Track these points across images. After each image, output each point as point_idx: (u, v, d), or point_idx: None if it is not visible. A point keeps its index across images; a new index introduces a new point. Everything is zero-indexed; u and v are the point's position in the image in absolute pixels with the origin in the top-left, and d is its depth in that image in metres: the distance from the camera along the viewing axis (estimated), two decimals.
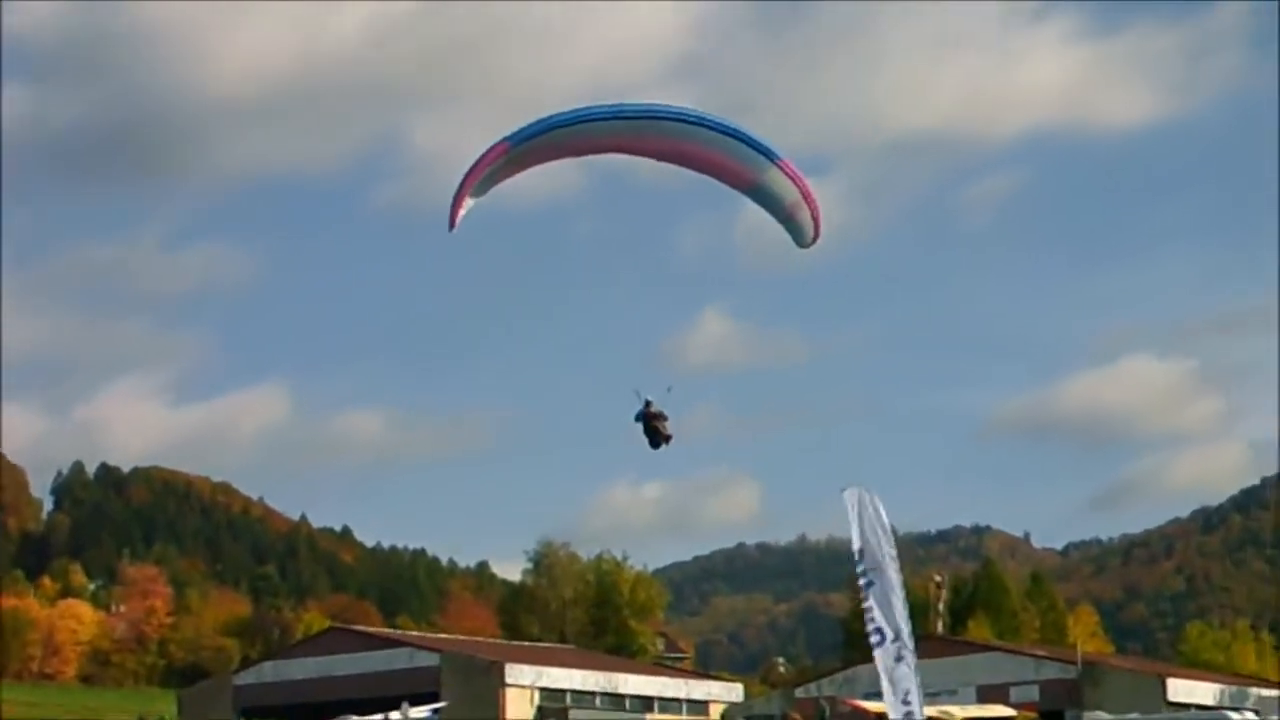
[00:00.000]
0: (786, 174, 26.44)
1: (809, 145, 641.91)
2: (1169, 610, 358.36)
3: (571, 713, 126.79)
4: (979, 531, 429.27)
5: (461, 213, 26.47)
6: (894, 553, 32.10)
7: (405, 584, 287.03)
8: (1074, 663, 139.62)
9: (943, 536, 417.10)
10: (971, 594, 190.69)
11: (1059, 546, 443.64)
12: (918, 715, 30.44)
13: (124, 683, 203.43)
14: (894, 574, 31.66)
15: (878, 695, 35.83)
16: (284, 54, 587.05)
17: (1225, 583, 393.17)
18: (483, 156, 24.84)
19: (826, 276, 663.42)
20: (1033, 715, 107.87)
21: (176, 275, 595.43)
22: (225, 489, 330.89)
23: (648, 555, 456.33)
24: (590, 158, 30.38)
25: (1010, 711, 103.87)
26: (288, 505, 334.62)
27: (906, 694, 30.56)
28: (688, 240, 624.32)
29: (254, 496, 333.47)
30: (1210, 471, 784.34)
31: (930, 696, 42.51)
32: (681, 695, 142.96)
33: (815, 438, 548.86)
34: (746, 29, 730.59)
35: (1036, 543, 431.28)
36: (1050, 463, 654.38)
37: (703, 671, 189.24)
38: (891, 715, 30.11)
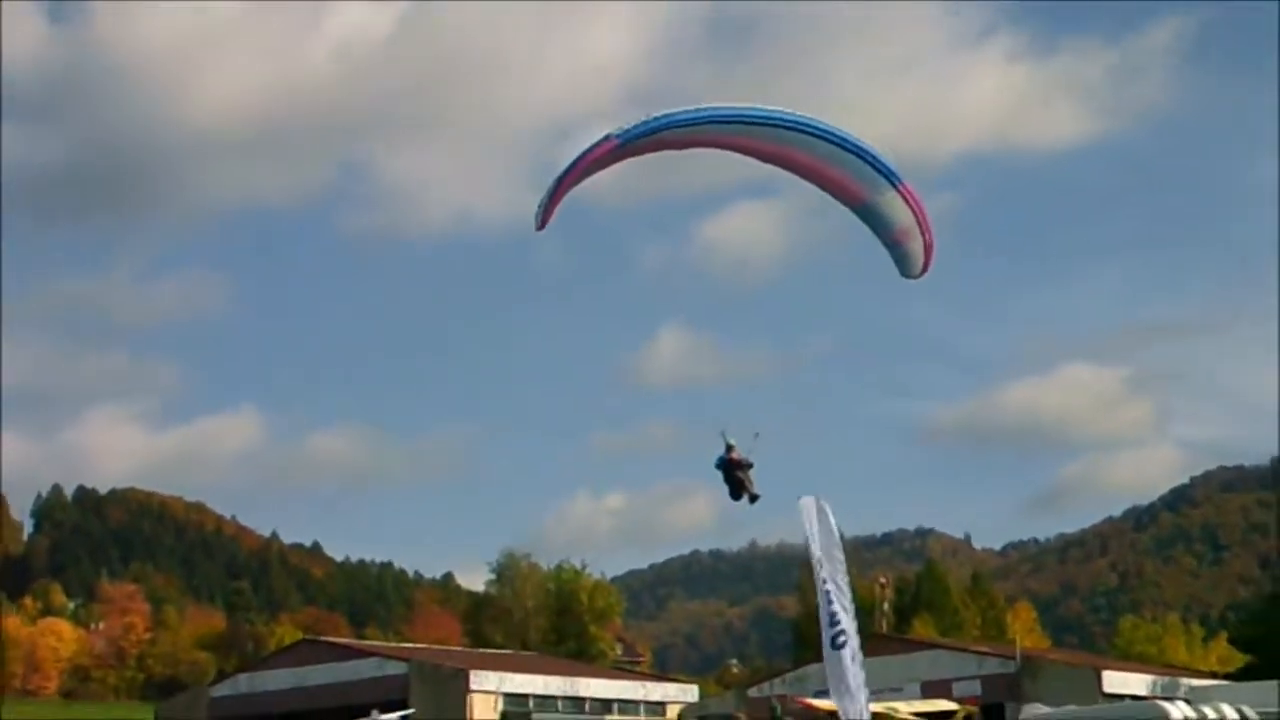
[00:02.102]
0: (906, 199, 25.12)
1: (758, 169, 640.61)
2: (1103, 605, 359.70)
3: (534, 716, 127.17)
4: (921, 534, 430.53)
5: (555, 212, 25.52)
6: (842, 557, 32.63)
7: (373, 596, 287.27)
8: (1013, 657, 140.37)
9: (887, 539, 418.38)
10: (915, 594, 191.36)
11: (998, 547, 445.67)
12: (865, 712, 31.02)
13: (104, 697, 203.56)
14: (843, 577, 32.22)
15: (826, 694, 36.33)
16: (254, 90, 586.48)
17: (1157, 578, 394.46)
18: (587, 153, 24.35)
19: (777, 293, 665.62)
20: (974, 709, 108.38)
21: (152, 306, 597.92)
22: (199, 508, 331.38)
23: (607, 564, 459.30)
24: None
25: (953, 705, 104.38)
26: (259, 523, 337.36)
27: (855, 692, 31.20)
28: (647, 261, 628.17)
29: (227, 515, 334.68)
30: (1141, 473, 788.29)
31: (876, 693, 42.98)
32: (639, 697, 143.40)
33: (766, 447, 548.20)
34: (698, 58, 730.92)
35: (976, 544, 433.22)
36: (990, 467, 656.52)
37: (660, 674, 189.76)
38: (850, 713, 30.65)
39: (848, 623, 31.43)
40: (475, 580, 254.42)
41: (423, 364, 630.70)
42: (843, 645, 31.48)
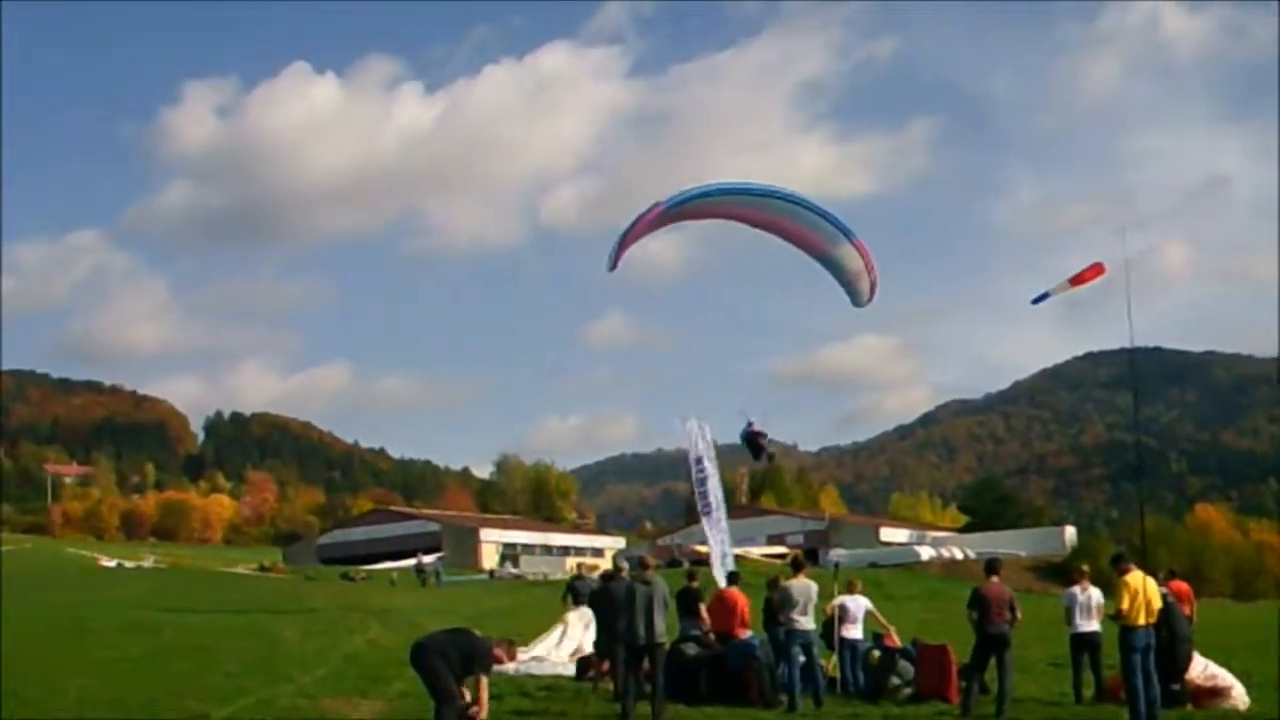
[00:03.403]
0: (858, 250, 24.41)
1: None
2: (881, 486, 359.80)
3: (521, 557, 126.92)
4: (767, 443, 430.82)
5: (623, 259, 23.61)
6: (713, 455, 32.36)
7: (418, 481, 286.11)
8: (824, 519, 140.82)
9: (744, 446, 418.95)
10: (762, 481, 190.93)
11: (815, 450, 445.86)
12: (729, 556, 30.70)
13: (250, 545, 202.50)
14: (714, 470, 31.97)
15: (704, 542, 36.18)
16: (346, 157, 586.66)
17: (914, 470, 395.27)
18: (643, 216, 22.71)
19: (680, 291, 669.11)
20: (799, 552, 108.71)
21: (282, 298, 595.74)
22: (308, 425, 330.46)
23: (568, 461, 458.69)
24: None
25: (785, 550, 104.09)
26: (347, 434, 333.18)
27: (722, 541, 30.83)
28: (595, 269, 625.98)
29: (326, 430, 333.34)
30: (905, 403, 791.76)
31: (736, 542, 42.82)
32: (587, 545, 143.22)
33: (670, 387, 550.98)
34: (629, 139, 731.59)
35: (802, 449, 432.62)
36: (811, 399, 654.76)
37: (601, 530, 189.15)
38: (714, 556, 30.34)
39: (715, 498, 31.08)
40: (483, 471, 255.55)
41: (453, 336, 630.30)
42: (708, 513, 31.11)
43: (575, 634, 28.43)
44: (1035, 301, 21.41)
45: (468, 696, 14.53)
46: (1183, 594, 29.25)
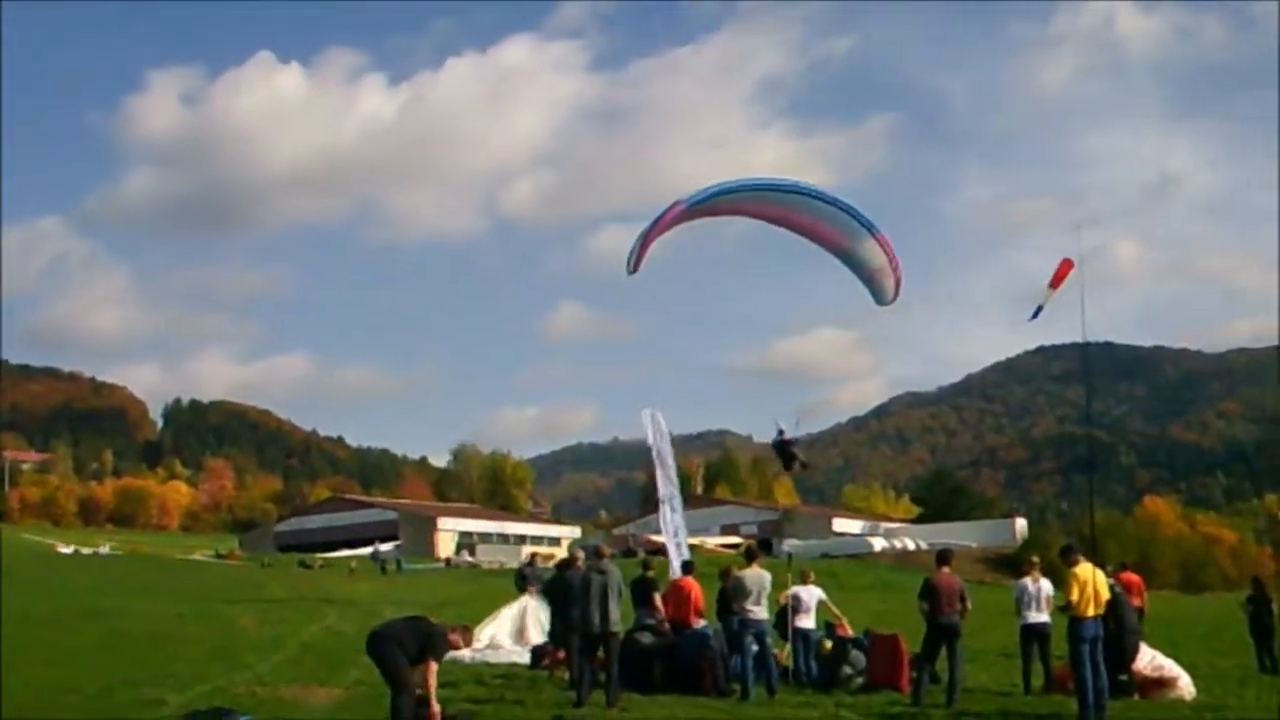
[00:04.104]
0: (881, 245, 22.63)
1: (628, 204, 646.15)
2: (835, 478, 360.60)
3: (477, 546, 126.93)
4: (722, 433, 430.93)
5: (645, 259, 21.74)
6: (670, 447, 32.36)
7: (376, 469, 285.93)
8: (778, 510, 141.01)
9: (700, 436, 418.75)
10: (718, 471, 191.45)
11: (770, 441, 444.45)
12: (683, 546, 30.69)
13: (207, 532, 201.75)
14: (670, 460, 31.95)
15: (659, 532, 36.17)
16: (309, 148, 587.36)
17: (867, 462, 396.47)
18: (664, 215, 21.21)
19: (640, 285, 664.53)
20: (753, 542, 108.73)
21: (242, 286, 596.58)
22: (267, 413, 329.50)
23: (525, 450, 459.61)
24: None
25: (740, 540, 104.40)
26: (305, 423, 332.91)
27: (677, 531, 30.82)
28: (553, 262, 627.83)
29: (285, 417, 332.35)
30: (860, 395, 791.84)
31: (691, 533, 42.86)
32: (544, 534, 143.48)
33: (628, 379, 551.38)
34: (587, 134, 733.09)
35: (757, 439, 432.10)
36: (768, 391, 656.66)
37: (556, 520, 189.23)
38: (670, 546, 30.31)
39: (672, 488, 31.02)
40: (440, 460, 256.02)
41: (412, 326, 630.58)
42: (666, 501, 31.10)
43: (528, 622, 28.61)
44: (1033, 318, 21.47)
45: (434, 685, 14.55)
46: (1134, 586, 29.52)
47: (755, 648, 20.51)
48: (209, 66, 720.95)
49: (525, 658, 25.63)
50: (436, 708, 14.57)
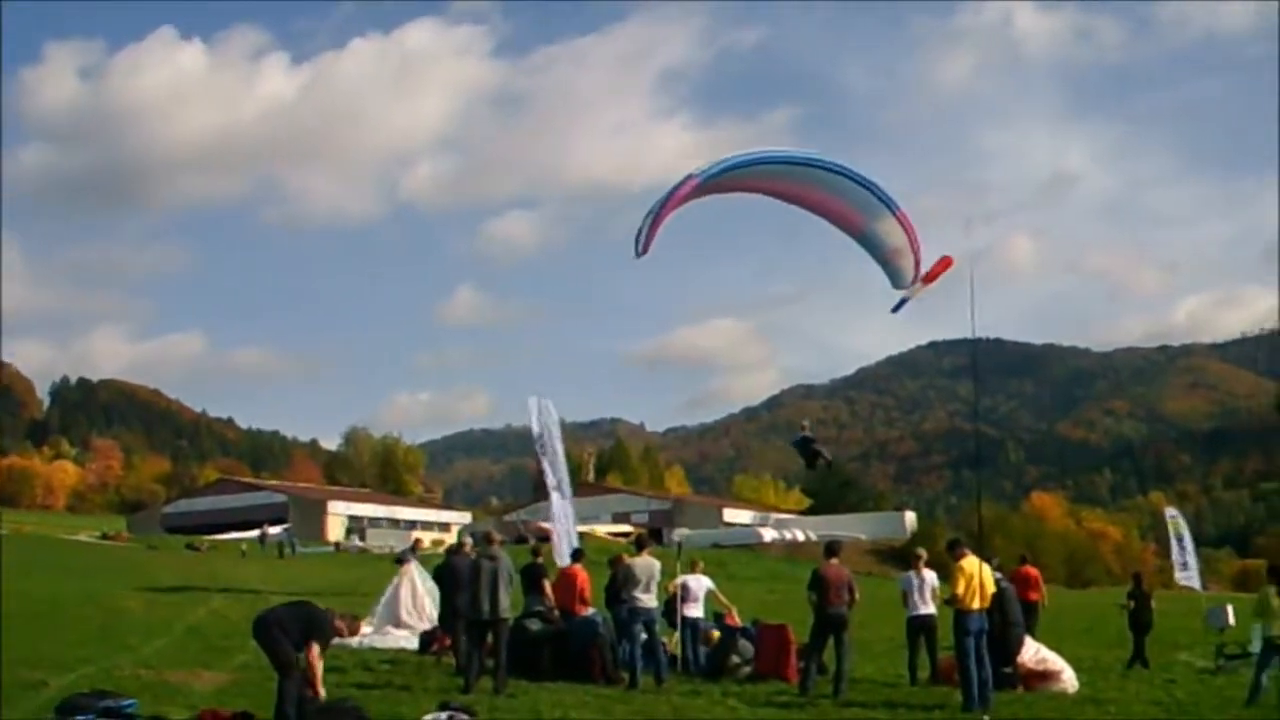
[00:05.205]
0: (901, 224, 21.26)
1: (528, 190, 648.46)
2: (726, 468, 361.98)
3: (368, 531, 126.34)
4: (614, 421, 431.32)
5: (655, 240, 20.12)
6: (559, 433, 32.29)
7: (266, 451, 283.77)
8: (669, 499, 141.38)
9: (593, 424, 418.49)
10: (610, 459, 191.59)
11: (662, 430, 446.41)
12: (573, 533, 30.67)
13: (94, 512, 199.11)
14: (559, 446, 31.89)
15: (550, 519, 36.03)
16: (209, 127, 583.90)
17: (759, 452, 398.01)
18: (676, 191, 19.76)
19: (533, 269, 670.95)
20: (644, 530, 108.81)
21: (138, 264, 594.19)
22: (157, 393, 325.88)
23: (417, 435, 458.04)
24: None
25: (630, 528, 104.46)
26: (195, 403, 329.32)
27: (566, 519, 30.78)
28: (451, 245, 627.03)
29: (174, 397, 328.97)
30: (752, 386, 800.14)
31: (582, 520, 42.88)
32: (434, 520, 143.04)
33: (523, 365, 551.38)
34: (487, 118, 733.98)
35: (649, 428, 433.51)
36: (660, 380, 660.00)
37: (447, 505, 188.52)
38: (559, 533, 30.27)
39: (560, 475, 30.97)
40: (331, 443, 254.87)
41: (308, 307, 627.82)
42: (555, 489, 31.03)
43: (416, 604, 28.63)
44: (895, 310, 21.36)
45: (318, 669, 14.45)
46: (1033, 579, 29.99)
47: (644, 636, 20.52)
48: (109, 41, 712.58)
49: (414, 643, 25.56)
50: (321, 690, 14.47)
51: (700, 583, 23.30)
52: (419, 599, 28.58)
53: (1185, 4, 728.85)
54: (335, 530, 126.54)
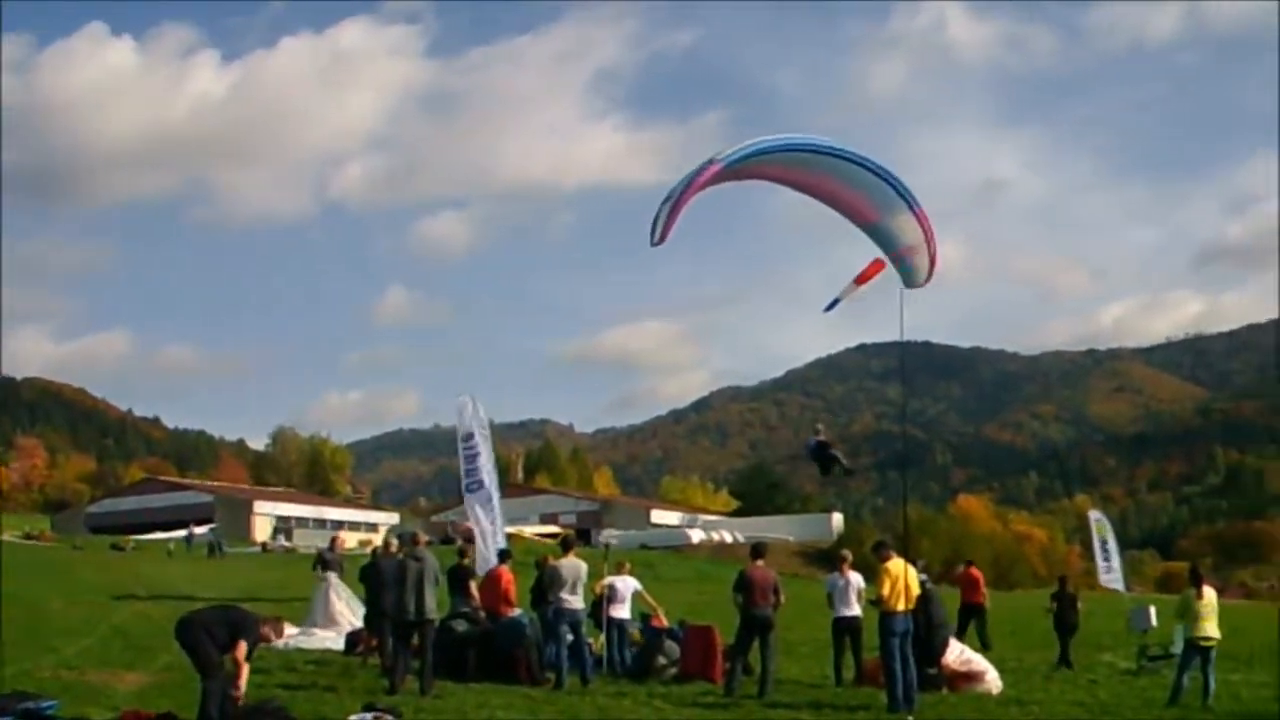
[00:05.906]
0: (918, 220, 20.18)
1: (459, 190, 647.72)
2: (654, 469, 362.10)
3: (295, 531, 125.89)
4: (543, 422, 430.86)
5: (674, 228, 18.24)
6: (488, 434, 32.27)
7: (192, 451, 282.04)
8: (597, 500, 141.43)
9: (521, 425, 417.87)
10: (538, 459, 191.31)
11: (590, 431, 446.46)
12: (500, 534, 30.68)
13: (17, 511, 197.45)
14: (486, 448, 31.87)
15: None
16: (139, 124, 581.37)
17: (687, 454, 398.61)
18: (697, 177, 17.94)
19: (464, 269, 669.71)
20: (571, 532, 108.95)
21: (65, 261, 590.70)
22: (83, 391, 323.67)
23: (346, 435, 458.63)
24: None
25: (559, 529, 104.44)
26: (121, 402, 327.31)
27: (493, 520, 30.77)
28: (381, 246, 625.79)
29: (100, 396, 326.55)
30: (681, 387, 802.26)
31: (510, 521, 42.90)
32: (362, 520, 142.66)
33: (452, 365, 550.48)
34: (420, 118, 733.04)
35: (578, 429, 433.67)
36: (590, 381, 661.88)
37: (375, 506, 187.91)
38: (484, 534, 30.28)
39: (487, 475, 30.95)
40: (258, 443, 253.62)
41: (237, 306, 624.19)
42: (476, 490, 31.03)
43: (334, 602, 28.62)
44: (827, 309, 21.37)
45: (245, 672, 14.40)
46: (976, 582, 30.23)
47: (570, 637, 20.54)
48: (37, 35, 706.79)
49: (339, 644, 25.48)
50: (244, 688, 14.40)
51: (627, 584, 23.35)
52: (346, 602, 28.55)
53: (1114, 13, 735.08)
54: (262, 530, 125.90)
